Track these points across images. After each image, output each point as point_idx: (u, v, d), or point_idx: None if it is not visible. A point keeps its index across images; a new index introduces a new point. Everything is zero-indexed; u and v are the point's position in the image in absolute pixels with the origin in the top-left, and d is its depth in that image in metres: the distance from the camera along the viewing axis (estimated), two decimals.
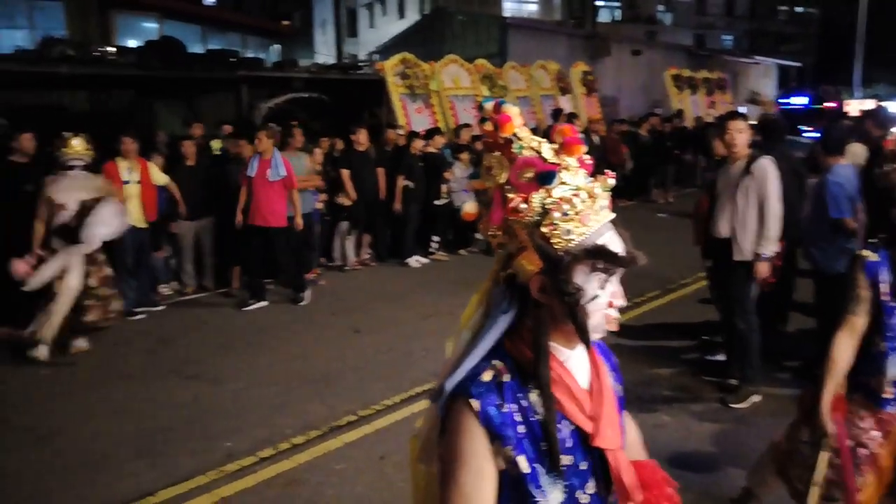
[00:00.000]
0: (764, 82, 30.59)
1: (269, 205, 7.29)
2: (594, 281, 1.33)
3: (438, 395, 1.41)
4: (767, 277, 4.87)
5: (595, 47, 22.84)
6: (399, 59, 13.45)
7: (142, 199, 7.15)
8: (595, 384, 1.45)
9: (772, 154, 5.69)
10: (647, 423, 4.63)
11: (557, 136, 1.39)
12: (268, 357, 6.04)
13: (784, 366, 5.54)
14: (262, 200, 7.28)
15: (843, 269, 4.18)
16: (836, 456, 2.68)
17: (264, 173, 7.25)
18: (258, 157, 7.32)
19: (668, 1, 43.79)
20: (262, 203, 7.29)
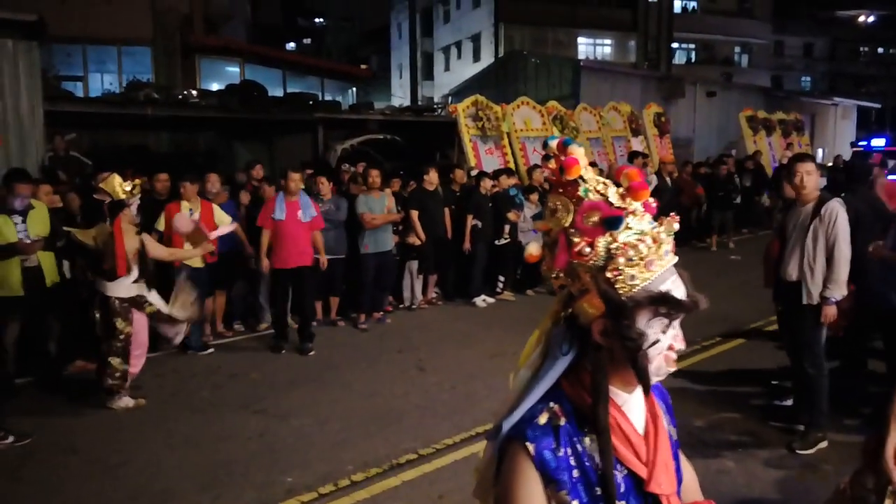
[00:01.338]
0: (843, 124, 29.65)
1: (304, 245, 7.33)
2: (656, 326, 1.33)
3: (496, 435, 1.42)
4: (838, 321, 4.74)
5: (669, 89, 22.69)
6: (471, 101, 13.69)
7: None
8: (651, 428, 1.44)
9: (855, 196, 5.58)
10: (711, 468, 4.55)
11: (624, 179, 1.39)
12: (333, 393, 6.14)
13: (856, 412, 5.36)
14: (294, 241, 7.25)
15: None
16: None
17: (295, 215, 7.22)
18: (283, 200, 7.26)
19: (745, 43, 43.11)
20: (296, 244, 7.26)
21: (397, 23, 42.75)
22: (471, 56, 36.66)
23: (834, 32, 50.86)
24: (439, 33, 40.80)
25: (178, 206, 7.01)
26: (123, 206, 5.60)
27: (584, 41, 36.86)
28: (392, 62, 44.97)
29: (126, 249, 5.53)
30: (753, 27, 42.73)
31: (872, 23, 51.55)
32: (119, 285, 5.57)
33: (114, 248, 5.48)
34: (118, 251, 5.48)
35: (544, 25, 34.62)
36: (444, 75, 39.22)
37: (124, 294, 5.60)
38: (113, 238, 5.50)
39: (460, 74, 33.56)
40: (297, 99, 13.25)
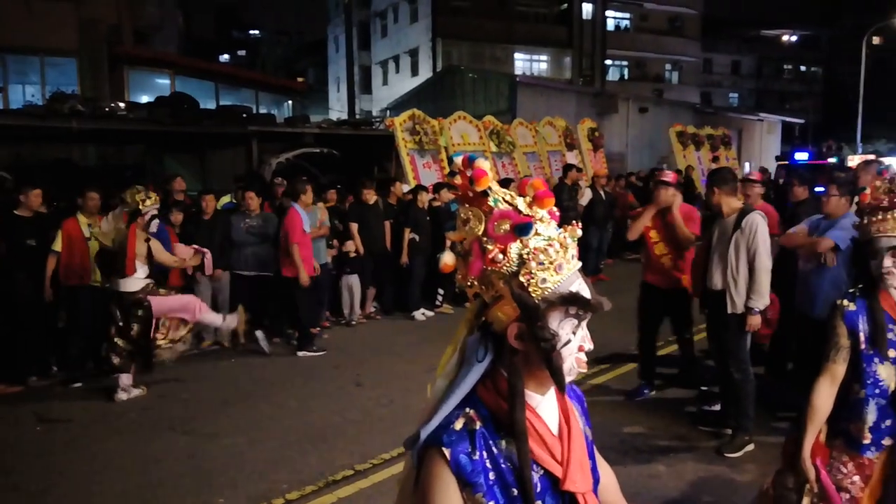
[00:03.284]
0: (768, 138, 30.86)
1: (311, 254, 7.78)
2: (567, 326, 1.40)
3: (413, 443, 1.45)
4: (764, 331, 4.92)
5: (603, 104, 23.25)
6: (408, 115, 13.72)
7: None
8: (564, 428, 1.49)
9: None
10: (643, 473, 4.65)
11: (529, 189, 1.45)
12: (267, 411, 6.03)
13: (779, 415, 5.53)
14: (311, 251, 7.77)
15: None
16: (821, 501, 2.70)
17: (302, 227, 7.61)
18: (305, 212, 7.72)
19: (676, 60, 44.56)
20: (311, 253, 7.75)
21: (334, 36, 42.69)
22: (409, 70, 36.85)
23: (760, 51, 53.08)
24: (377, 47, 40.89)
25: (76, 222, 6.81)
26: (139, 215, 6.23)
27: (521, 57, 37.43)
28: (329, 75, 44.84)
29: (136, 252, 6.16)
30: (683, 45, 44.19)
31: (795, 42, 54.00)
32: (128, 282, 6.20)
33: (125, 249, 6.12)
34: (129, 253, 6.12)
35: (481, 41, 35.06)
36: (383, 89, 39.30)
37: (133, 288, 6.22)
38: (126, 241, 6.13)
39: (399, 88, 33.70)
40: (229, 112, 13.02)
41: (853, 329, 2.69)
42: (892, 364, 2.65)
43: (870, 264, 2.67)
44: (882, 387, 2.66)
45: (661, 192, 5.88)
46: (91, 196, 6.91)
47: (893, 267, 2.61)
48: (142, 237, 6.28)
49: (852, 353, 2.70)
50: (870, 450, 2.69)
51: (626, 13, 42.53)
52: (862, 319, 2.68)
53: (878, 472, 2.69)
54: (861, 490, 2.68)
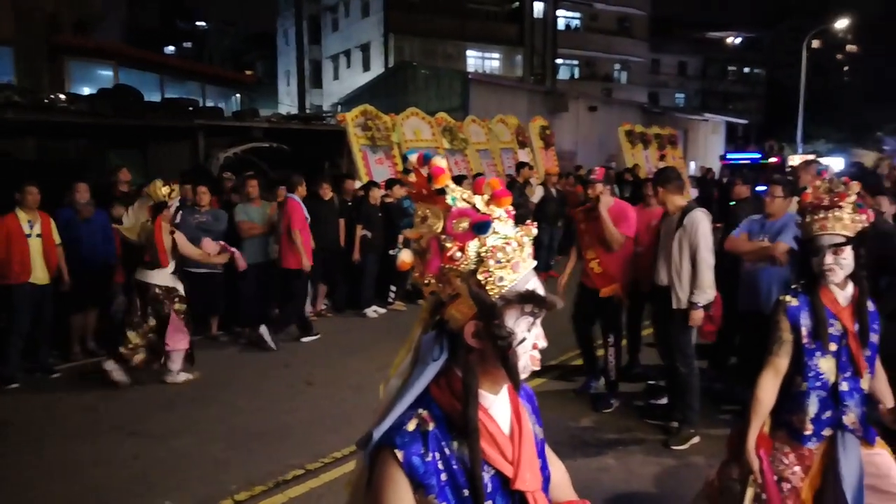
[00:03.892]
0: (713, 138, 31.61)
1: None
2: (523, 324, 1.41)
3: (366, 444, 1.44)
4: (709, 327, 5.01)
5: (553, 103, 23.47)
6: (360, 110, 13.62)
7: (44, 254, 6.70)
8: (516, 428, 1.50)
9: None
10: (591, 466, 4.73)
11: (486, 188, 1.46)
12: (215, 411, 5.91)
13: (724, 408, 5.69)
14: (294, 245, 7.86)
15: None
16: (763, 491, 2.77)
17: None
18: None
19: (624, 60, 45.25)
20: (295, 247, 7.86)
21: (284, 29, 42.05)
22: (360, 65, 36.60)
23: (705, 52, 54.27)
24: (328, 41, 40.50)
25: (15, 218, 6.56)
26: (164, 207, 6.37)
27: (473, 54, 37.53)
28: (279, 69, 44.22)
29: (165, 245, 6.34)
30: (632, 46, 44.93)
31: (739, 44, 55.36)
32: (159, 274, 6.37)
33: (154, 242, 6.28)
34: (159, 245, 6.29)
35: (434, 37, 35.01)
36: (334, 84, 38.96)
37: (162, 282, 6.38)
38: (153, 234, 6.28)
39: (350, 83, 33.44)
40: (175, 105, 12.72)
41: (796, 324, 2.77)
42: (833, 357, 2.74)
43: (811, 261, 2.75)
44: (823, 379, 2.75)
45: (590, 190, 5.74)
46: (30, 191, 6.64)
47: (834, 264, 2.69)
48: (167, 230, 6.44)
49: (795, 347, 2.78)
50: (811, 441, 2.77)
51: (576, 13, 43.01)
52: (804, 314, 2.76)
53: (817, 462, 2.78)
54: (801, 480, 2.77)
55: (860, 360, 2.74)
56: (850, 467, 2.69)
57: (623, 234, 5.64)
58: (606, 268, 5.75)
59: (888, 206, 5.31)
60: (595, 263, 5.78)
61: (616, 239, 5.62)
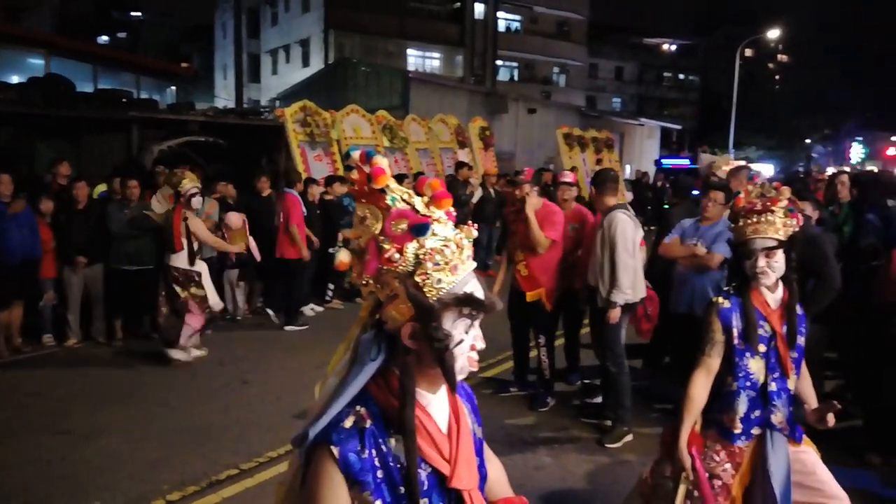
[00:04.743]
0: (648, 142, 32.36)
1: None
2: (460, 326, 1.41)
3: (302, 442, 1.43)
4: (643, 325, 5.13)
5: (493, 104, 23.64)
6: (299, 106, 13.44)
7: None
8: (453, 427, 1.51)
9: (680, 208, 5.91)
10: (528, 464, 4.79)
11: (427, 189, 1.46)
12: (148, 410, 5.77)
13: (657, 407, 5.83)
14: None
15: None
16: (695, 488, 2.84)
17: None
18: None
19: (563, 64, 45.90)
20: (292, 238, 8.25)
21: (222, 22, 41.21)
22: (300, 61, 36.13)
23: (641, 58, 55.57)
24: (267, 35, 39.85)
25: None
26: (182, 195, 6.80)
27: (414, 53, 37.48)
28: (216, 62, 43.29)
29: (181, 230, 6.72)
30: (570, 50, 45.61)
31: (674, 51, 56.88)
32: (178, 257, 6.77)
33: (172, 227, 6.72)
34: (175, 231, 6.71)
35: (375, 35, 34.83)
36: (272, 78, 38.37)
37: (181, 265, 6.77)
38: (172, 220, 6.74)
39: (289, 79, 33.00)
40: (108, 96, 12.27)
41: (727, 325, 2.84)
42: (762, 358, 2.82)
43: (744, 264, 2.83)
44: (752, 379, 2.83)
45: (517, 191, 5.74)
46: None
47: (767, 266, 2.77)
48: (190, 216, 6.85)
49: (726, 347, 2.85)
50: (740, 439, 2.85)
51: (516, 15, 43.40)
52: (735, 316, 2.84)
53: (747, 459, 2.87)
54: (732, 477, 2.85)
55: (787, 361, 2.82)
56: (779, 465, 2.78)
57: (549, 237, 5.56)
58: (532, 271, 5.70)
59: (811, 211, 5.53)
60: (522, 266, 5.76)
61: (540, 241, 5.53)
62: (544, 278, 5.69)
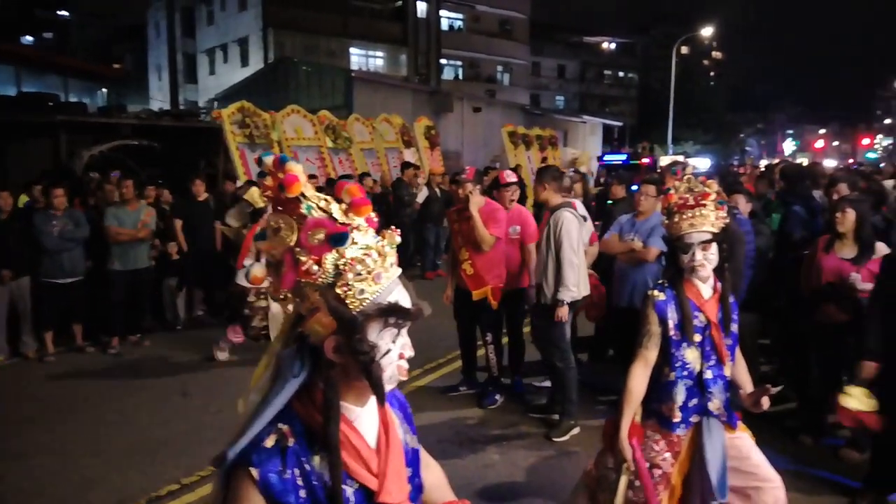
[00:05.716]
0: (591, 139, 32.82)
1: None
2: (387, 336, 1.36)
3: (221, 463, 1.35)
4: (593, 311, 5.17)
5: (438, 103, 23.61)
6: (237, 107, 13.15)
7: None
8: (383, 440, 1.46)
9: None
10: (478, 462, 4.78)
11: (345, 195, 1.39)
12: (82, 427, 5.55)
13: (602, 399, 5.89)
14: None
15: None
16: (636, 478, 2.87)
17: None
18: None
19: (507, 62, 46.22)
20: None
21: (155, 21, 40.10)
22: (238, 60, 35.47)
23: (583, 56, 56.38)
24: (203, 34, 38.99)
25: None
26: (262, 213, 6.48)
27: (357, 52, 37.21)
28: (150, 63, 42.12)
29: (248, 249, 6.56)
30: (513, 48, 45.94)
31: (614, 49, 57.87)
32: (239, 274, 6.67)
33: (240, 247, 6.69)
34: (242, 250, 6.63)
35: (316, 33, 34.44)
36: (210, 79, 37.57)
37: (240, 282, 6.67)
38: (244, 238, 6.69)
39: (227, 79, 32.35)
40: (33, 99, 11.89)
41: (663, 317, 2.88)
42: (697, 347, 2.87)
43: (681, 258, 2.86)
44: (689, 369, 2.88)
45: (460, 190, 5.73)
46: None
47: (704, 259, 2.82)
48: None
49: (663, 339, 2.89)
50: (679, 427, 2.90)
51: (459, 14, 43.50)
52: (671, 308, 2.88)
53: (685, 447, 2.92)
54: (671, 465, 2.90)
55: (722, 349, 2.88)
56: (715, 451, 2.83)
57: (493, 234, 5.56)
58: (477, 269, 5.67)
59: (745, 203, 5.65)
60: (467, 265, 5.72)
61: (485, 239, 5.53)
62: (489, 276, 5.67)
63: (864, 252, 4.62)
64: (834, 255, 4.74)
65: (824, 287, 4.71)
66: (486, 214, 5.60)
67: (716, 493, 2.75)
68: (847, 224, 4.66)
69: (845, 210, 4.67)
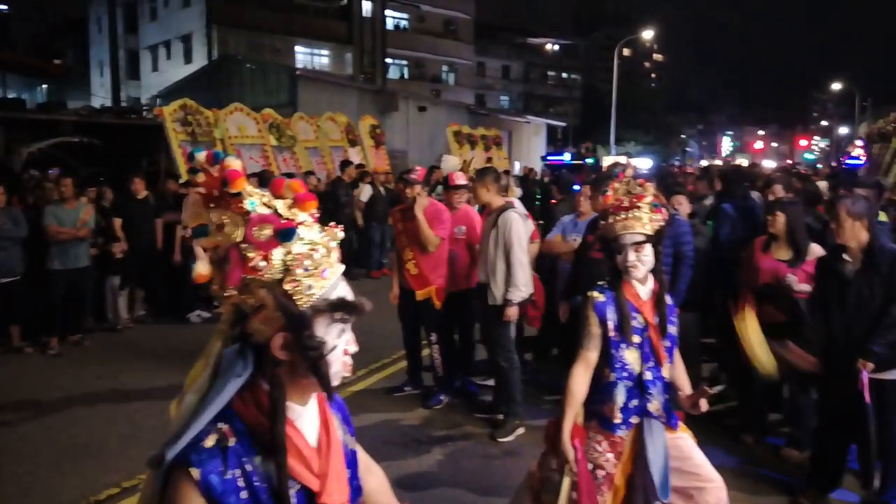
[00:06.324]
0: (535, 139, 33.18)
1: None
2: (333, 331, 1.37)
3: (158, 464, 1.32)
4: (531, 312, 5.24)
5: (384, 102, 23.60)
6: (179, 104, 12.93)
7: None
8: (324, 440, 1.45)
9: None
10: (422, 464, 4.76)
11: (287, 191, 1.38)
12: (16, 431, 5.39)
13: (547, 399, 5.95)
14: None
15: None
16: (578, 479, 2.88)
17: None
18: None
19: (451, 62, 46.35)
20: None
21: (97, 16, 38.95)
22: (182, 57, 34.76)
23: (527, 57, 56.93)
24: (145, 30, 38.07)
25: None
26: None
27: (302, 50, 36.83)
28: (91, 58, 40.93)
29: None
30: (458, 48, 46.10)
31: (557, 50, 58.63)
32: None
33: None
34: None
35: (260, 31, 33.97)
36: (153, 76, 36.71)
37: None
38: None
39: (171, 76, 31.66)
40: None
41: (602, 318, 2.92)
42: (637, 349, 2.91)
43: (616, 259, 2.92)
44: (629, 370, 2.91)
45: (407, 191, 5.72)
46: None
47: (637, 260, 2.86)
48: None
49: (603, 340, 2.92)
50: (620, 428, 2.93)
51: (404, 13, 43.43)
52: (610, 309, 2.92)
53: (628, 448, 2.95)
54: (614, 466, 2.93)
55: (661, 350, 2.92)
56: (657, 452, 2.87)
57: (438, 235, 5.59)
58: (422, 269, 5.70)
59: (687, 204, 5.80)
60: (412, 264, 5.73)
61: (431, 240, 5.56)
62: (433, 276, 5.70)
63: (799, 254, 4.69)
64: (770, 256, 4.81)
65: (761, 287, 4.75)
66: (431, 215, 5.62)
67: (658, 493, 2.79)
68: (778, 226, 4.74)
69: (776, 213, 4.76)
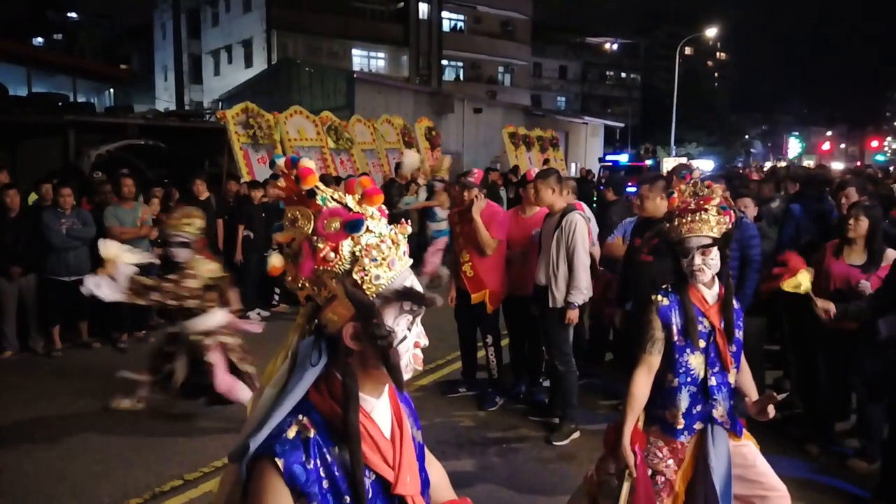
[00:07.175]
0: (592, 140, 32.82)
1: None
2: (402, 323, 1.40)
3: (241, 455, 1.37)
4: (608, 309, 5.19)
5: (439, 104, 23.67)
6: (241, 108, 13.25)
7: None
8: (396, 432, 1.49)
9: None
10: (477, 465, 4.78)
11: (357, 187, 1.45)
12: (88, 422, 5.57)
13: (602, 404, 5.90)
14: None
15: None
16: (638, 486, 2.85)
17: None
18: None
19: (508, 63, 46.22)
20: None
21: (161, 22, 40.30)
22: (242, 61, 35.59)
23: (585, 57, 56.40)
24: (208, 36, 39.14)
25: None
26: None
27: (359, 53, 37.29)
28: (156, 63, 42.32)
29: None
30: (515, 49, 45.92)
31: (616, 50, 57.90)
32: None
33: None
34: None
35: (318, 35, 34.54)
36: (214, 80, 37.70)
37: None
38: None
39: (232, 80, 32.49)
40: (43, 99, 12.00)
41: (667, 322, 2.87)
42: (702, 353, 2.86)
43: (681, 262, 2.87)
44: (693, 375, 2.86)
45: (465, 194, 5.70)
46: None
47: (703, 264, 2.81)
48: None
49: (666, 344, 2.87)
50: (683, 434, 2.89)
51: (460, 15, 43.50)
52: (674, 313, 2.87)
53: (689, 455, 2.90)
54: (674, 473, 2.88)
55: (727, 355, 2.86)
56: (720, 459, 2.82)
57: (496, 237, 5.57)
58: (478, 272, 5.68)
59: (752, 207, 5.66)
60: (468, 266, 5.73)
61: (488, 243, 5.55)
62: (489, 279, 5.68)
63: (874, 259, 4.52)
64: (843, 261, 4.64)
65: (833, 293, 4.53)
66: (488, 217, 5.61)
67: (720, 501, 2.75)
68: (860, 231, 4.56)
69: (859, 217, 4.56)
